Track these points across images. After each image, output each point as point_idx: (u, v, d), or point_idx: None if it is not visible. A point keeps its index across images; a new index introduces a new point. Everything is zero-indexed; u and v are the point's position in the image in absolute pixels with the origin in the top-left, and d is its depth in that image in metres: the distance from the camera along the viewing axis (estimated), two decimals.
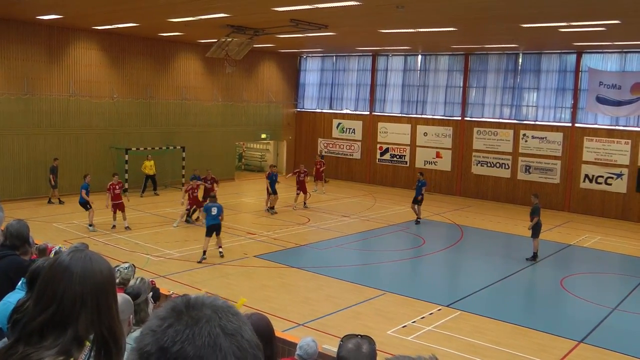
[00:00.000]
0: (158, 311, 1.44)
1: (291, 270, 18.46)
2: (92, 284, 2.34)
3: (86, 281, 2.34)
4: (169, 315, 1.40)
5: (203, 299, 1.45)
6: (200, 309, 1.41)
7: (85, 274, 2.35)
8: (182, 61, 33.90)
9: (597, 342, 13.51)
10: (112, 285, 2.45)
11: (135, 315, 5.84)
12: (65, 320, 2.29)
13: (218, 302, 1.45)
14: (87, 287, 2.33)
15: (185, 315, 1.39)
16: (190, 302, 1.43)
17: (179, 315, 1.40)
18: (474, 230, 25.27)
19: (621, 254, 22.50)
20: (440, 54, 34.67)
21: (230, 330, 1.39)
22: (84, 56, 29.49)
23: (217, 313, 1.41)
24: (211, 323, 1.38)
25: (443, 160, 34.54)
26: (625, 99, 28.41)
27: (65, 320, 2.29)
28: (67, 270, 2.35)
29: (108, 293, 2.40)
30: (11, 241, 6.17)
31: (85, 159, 29.40)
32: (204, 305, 1.42)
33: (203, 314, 1.40)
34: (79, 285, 2.32)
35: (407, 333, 13.47)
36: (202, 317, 1.39)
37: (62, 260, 2.40)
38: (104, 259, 2.48)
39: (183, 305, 1.42)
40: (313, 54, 39.77)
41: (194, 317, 1.39)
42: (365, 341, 4.29)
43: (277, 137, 40.13)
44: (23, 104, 27.37)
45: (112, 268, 2.52)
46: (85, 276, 2.35)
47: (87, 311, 2.32)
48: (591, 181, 29.83)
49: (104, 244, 19.80)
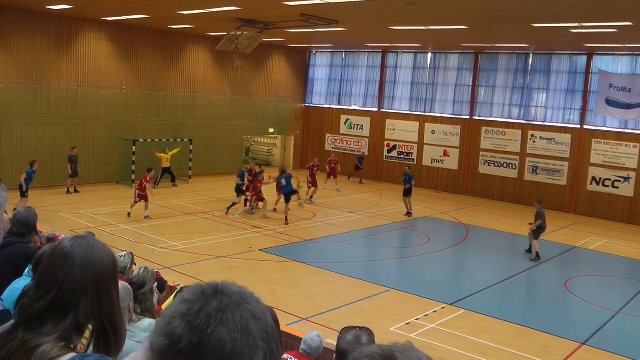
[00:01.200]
0: (184, 296, 1.46)
1: (296, 264, 18.47)
2: (93, 271, 2.33)
3: (87, 268, 2.33)
4: (198, 299, 1.43)
5: (230, 285, 1.48)
6: (229, 294, 1.44)
7: (86, 261, 2.34)
8: (191, 54, 33.90)
9: (600, 344, 13.49)
10: (114, 274, 2.44)
11: (141, 304, 5.85)
12: (65, 306, 2.28)
13: (243, 288, 1.49)
14: (88, 274, 2.32)
15: (215, 300, 1.42)
16: (218, 288, 1.46)
17: (207, 300, 1.42)
18: (479, 230, 25.24)
19: (626, 258, 22.45)
20: (450, 52, 34.60)
21: (258, 315, 1.43)
22: (92, 47, 29.51)
23: (244, 298, 1.45)
24: (241, 307, 1.42)
25: (450, 158, 34.49)
26: (635, 102, 28.28)
27: (65, 307, 2.28)
28: (68, 256, 2.34)
29: (109, 281, 2.39)
30: (18, 229, 6.19)
31: (92, 149, 29.44)
32: (232, 290, 1.46)
33: (232, 299, 1.43)
34: (80, 272, 2.31)
35: (410, 330, 13.47)
36: (232, 302, 1.42)
37: (63, 247, 2.39)
38: (106, 246, 2.46)
39: (211, 290, 1.45)
40: (323, 49, 39.74)
41: (224, 302, 1.42)
42: (364, 333, 4.28)
43: (285, 132, 40.12)
44: (31, 93, 27.42)
45: (115, 256, 2.50)
46: (87, 263, 2.34)
47: (87, 298, 2.31)
48: (598, 184, 29.74)
49: (109, 235, 19.83)
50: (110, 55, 30.24)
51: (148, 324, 5.72)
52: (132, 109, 31.24)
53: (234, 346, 1.37)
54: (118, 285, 2.46)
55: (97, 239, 2.47)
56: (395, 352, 1.39)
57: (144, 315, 5.87)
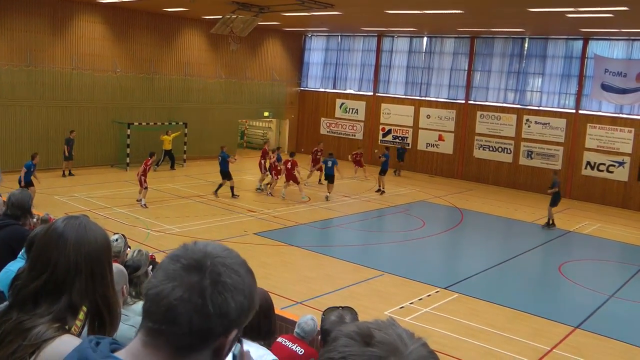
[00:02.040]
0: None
1: (291, 248, 18.50)
2: (86, 252, 2.32)
3: (80, 249, 2.32)
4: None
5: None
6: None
7: (79, 241, 2.33)
8: (186, 37, 33.76)
9: (593, 328, 13.57)
10: (107, 254, 2.43)
11: (135, 287, 5.84)
12: (59, 287, 2.28)
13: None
14: (81, 255, 2.31)
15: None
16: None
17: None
18: (474, 214, 25.28)
19: (620, 242, 22.54)
20: (445, 36, 34.52)
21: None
22: (87, 29, 29.36)
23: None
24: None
25: (445, 143, 34.49)
26: (631, 87, 28.29)
27: (59, 288, 2.28)
28: (61, 237, 2.33)
29: (102, 261, 2.38)
30: (12, 211, 6.17)
31: (87, 132, 29.35)
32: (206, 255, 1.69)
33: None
34: (73, 252, 2.31)
35: (404, 314, 13.52)
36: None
37: (56, 227, 2.37)
38: (99, 227, 2.44)
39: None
40: (318, 33, 39.60)
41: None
42: (347, 312, 4.29)
43: (280, 115, 40.05)
44: (25, 75, 27.30)
45: (108, 237, 2.49)
46: (80, 244, 2.33)
47: (81, 279, 2.30)
48: (593, 168, 29.79)
49: (104, 218, 19.82)
50: (105, 38, 30.09)
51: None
52: (126, 92, 31.13)
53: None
54: (112, 265, 2.45)
55: (90, 220, 2.46)
56: (372, 329, 1.38)
57: (138, 298, 5.87)
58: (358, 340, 1.37)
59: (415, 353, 1.36)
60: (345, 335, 1.39)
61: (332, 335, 1.43)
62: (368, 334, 1.37)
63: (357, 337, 1.37)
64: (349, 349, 1.36)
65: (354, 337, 1.37)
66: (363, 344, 1.36)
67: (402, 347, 1.36)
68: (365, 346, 1.35)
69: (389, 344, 1.35)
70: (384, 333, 1.38)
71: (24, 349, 2.15)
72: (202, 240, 1.75)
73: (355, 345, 1.36)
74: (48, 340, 2.17)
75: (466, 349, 12.00)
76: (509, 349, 12.15)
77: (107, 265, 2.40)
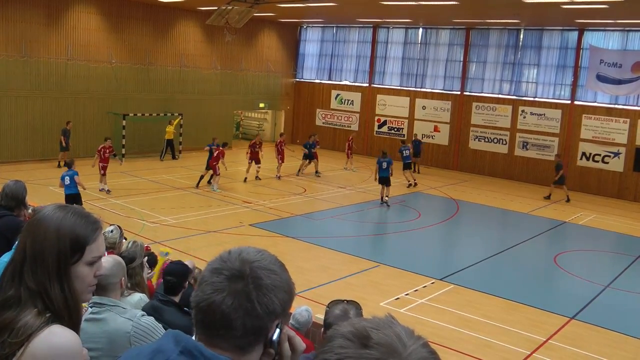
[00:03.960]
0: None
1: (286, 239, 18.51)
2: (31, 242, 2.34)
3: (46, 236, 2.33)
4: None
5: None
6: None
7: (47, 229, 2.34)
8: (181, 28, 33.67)
9: (588, 318, 13.60)
10: (53, 249, 2.35)
11: (130, 279, 5.84)
12: (21, 276, 2.28)
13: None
14: (29, 244, 2.33)
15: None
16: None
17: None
18: (469, 205, 25.31)
19: (616, 232, 22.57)
20: (441, 27, 34.49)
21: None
22: (82, 20, 29.27)
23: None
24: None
25: (441, 134, 34.51)
26: (626, 77, 28.29)
27: (20, 277, 2.28)
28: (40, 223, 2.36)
29: (52, 252, 2.33)
30: (7, 202, 6.16)
31: (82, 123, 29.29)
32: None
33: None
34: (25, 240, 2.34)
35: (400, 305, 13.54)
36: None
37: (37, 214, 2.42)
38: (79, 218, 2.42)
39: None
40: (313, 24, 39.53)
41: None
42: (352, 306, 4.26)
43: (275, 106, 40.01)
44: (21, 66, 27.24)
45: (74, 231, 2.39)
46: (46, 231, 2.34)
47: (35, 269, 2.29)
48: (588, 159, 29.83)
49: (99, 209, 19.79)
50: (100, 29, 30.01)
51: (138, 298, 5.72)
52: (122, 83, 31.07)
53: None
54: (60, 260, 2.36)
55: (54, 214, 2.41)
56: (369, 329, 1.35)
57: (134, 289, 5.87)
58: (355, 341, 1.34)
59: (415, 354, 1.33)
60: (342, 336, 1.36)
61: (328, 334, 1.40)
62: (365, 335, 1.34)
63: (353, 337, 1.35)
64: (345, 350, 1.33)
65: (351, 338, 1.35)
66: (360, 345, 1.33)
67: (401, 348, 1.33)
68: (362, 348, 1.33)
69: (387, 345, 1.33)
70: (382, 333, 1.35)
71: (11, 346, 2.14)
72: (234, 248, 1.90)
73: (351, 347, 1.33)
74: (36, 331, 2.16)
75: (462, 339, 12.02)
76: (504, 339, 12.18)
77: (55, 257, 2.34)
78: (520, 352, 11.71)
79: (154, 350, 1.83)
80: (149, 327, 3.95)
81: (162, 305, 5.49)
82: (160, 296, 5.66)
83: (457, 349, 11.54)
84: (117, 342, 3.83)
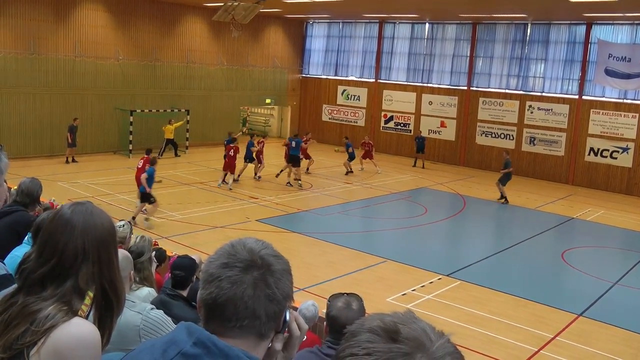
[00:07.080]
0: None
1: (293, 235, 18.52)
2: (93, 237, 2.35)
3: (87, 234, 2.35)
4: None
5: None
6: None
7: (86, 227, 2.36)
8: (188, 24, 33.70)
9: (596, 315, 13.56)
10: (113, 239, 2.46)
11: (139, 273, 5.86)
12: (66, 272, 2.30)
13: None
14: (88, 240, 2.34)
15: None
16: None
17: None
18: (476, 201, 25.27)
19: (624, 229, 22.46)
20: (447, 22, 34.40)
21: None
22: (90, 17, 29.37)
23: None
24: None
25: (447, 129, 34.44)
26: (635, 72, 28.06)
27: (66, 272, 2.30)
28: (68, 223, 2.35)
29: (109, 246, 2.41)
30: (22, 198, 6.29)
31: (90, 119, 29.39)
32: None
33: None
34: (80, 238, 2.33)
35: (406, 301, 13.54)
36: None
37: (63, 214, 2.40)
38: (104, 212, 2.49)
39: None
40: (319, 19, 39.49)
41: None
42: (353, 298, 4.27)
43: (282, 102, 40.02)
44: (29, 63, 27.38)
45: (113, 222, 2.52)
46: (87, 229, 2.35)
47: (88, 264, 2.33)
48: (596, 154, 29.70)
49: (107, 204, 19.82)
50: (107, 26, 30.10)
51: (147, 292, 5.73)
52: (129, 79, 31.15)
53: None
54: (117, 250, 2.48)
55: (95, 206, 2.47)
56: (398, 324, 1.35)
57: (142, 283, 5.89)
58: (383, 335, 1.33)
59: (442, 349, 1.33)
60: (368, 330, 1.35)
61: (352, 329, 1.39)
62: (394, 329, 1.34)
63: (381, 332, 1.34)
64: (374, 345, 1.32)
65: (379, 333, 1.34)
66: (389, 339, 1.32)
67: (428, 343, 1.33)
68: (391, 342, 1.32)
69: (414, 340, 1.32)
70: (409, 328, 1.34)
71: (33, 334, 2.16)
72: (234, 241, 1.96)
73: (380, 341, 1.32)
74: (59, 323, 2.19)
75: (469, 336, 11.99)
76: (512, 336, 12.17)
77: (114, 250, 2.44)
78: (527, 349, 11.70)
79: (168, 342, 1.83)
80: (158, 320, 3.95)
81: (170, 300, 5.51)
82: (169, 290, 5.68)
83: (463, 345, 11.50)
84: (127, 335, 3.84)
